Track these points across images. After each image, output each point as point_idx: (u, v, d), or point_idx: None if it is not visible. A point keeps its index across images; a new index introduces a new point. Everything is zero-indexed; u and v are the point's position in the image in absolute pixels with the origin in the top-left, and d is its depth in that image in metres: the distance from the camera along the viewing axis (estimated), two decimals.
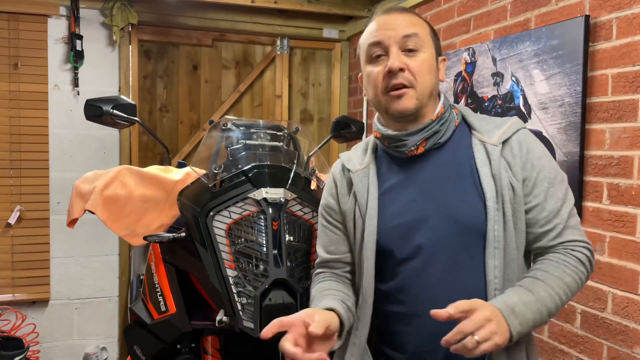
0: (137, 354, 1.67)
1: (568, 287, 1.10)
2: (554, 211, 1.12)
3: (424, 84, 1.14)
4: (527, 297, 1.05)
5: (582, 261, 1.12)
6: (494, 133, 1.16)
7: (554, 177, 1.14)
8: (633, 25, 1.71)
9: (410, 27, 1.14)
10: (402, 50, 1.14)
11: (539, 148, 1.17)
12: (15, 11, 3.10)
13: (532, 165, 1.13)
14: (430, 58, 1.17)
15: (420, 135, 1.16)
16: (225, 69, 3.70)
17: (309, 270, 1.46)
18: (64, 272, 3.33)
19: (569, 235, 1.13)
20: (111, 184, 1.60)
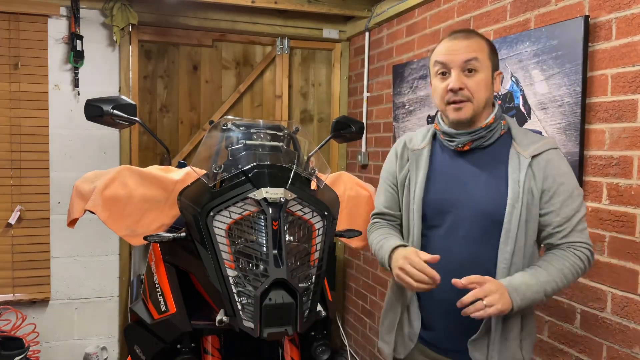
0: (138, 353, 1.67)
1: (564, 277, 1.39)
2: (566, 218, 1.41)
3: (480, 99, 1.44)
4: (529, 280, 1.37)
5: (581, 259, 1.41)
6: (529, 147, 1.44)
7: (571, 192, 1.41)
8: (632, 25, 1.71)
9: (471, 53, 1.43)
10: (462, 71, 1.43)
11: (563, 166, 1.43)
12: (16, 11, 3.10)
13: (554, 180, 1.41)
14: (487, 77, 1.45)
15: (468, 137, 1.47)
16: (226, 69, 3.71)
17: (309, 270, 1.46)
18: (64, 272, 3.33)
19: (574, 237, 1.41)
20: (111, 184, 1.61)
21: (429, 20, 2.88)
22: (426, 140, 1.58)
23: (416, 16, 3.00)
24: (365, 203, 1.91)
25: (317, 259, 1.48)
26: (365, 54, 3.56)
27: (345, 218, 1.87)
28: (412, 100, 2.96)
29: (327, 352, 1.70)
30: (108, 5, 3.20)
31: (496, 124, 1.46)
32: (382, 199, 1.68)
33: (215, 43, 3.66)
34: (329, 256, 1.52)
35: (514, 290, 1.34)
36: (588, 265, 1.43)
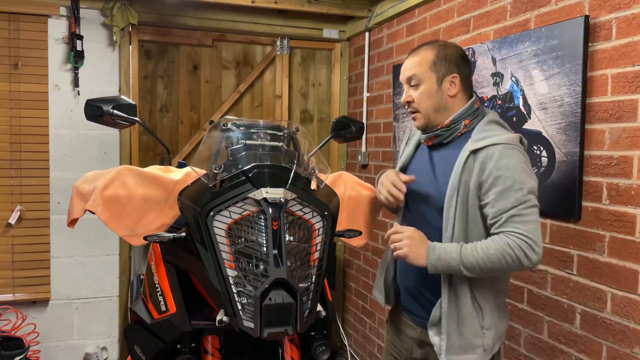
0: (138, 353, 1.67)
1: (487, 257, 1.48)
2: (502, 210, 1.49)
3: (426, 108, 1.65)
4: (451, 249, 1.52)
5: (511, 246, 1.47)
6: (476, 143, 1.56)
7: (510, 185, 1.49)
8: (632, 25, 1.71)
9: (411, 70, 1.65)
10: (410, 86, 1.67)
11: (505, 161, 1.51)
12: (16, 11, 3.10)
13: (490, 173, 1.51)
14: (429, 87, 1.63)
15: (427, 135, 1.70)
16: (226, 69, 3.71)
17: (309, 270, 1.46)
18: (65, 272, 3.33)
19: (508, 227, 1.48)
20: (111, 184, 1.61)
21: (429, 20, 2.88)
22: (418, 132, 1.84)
23: (416, 16, 3.00)
24: (365, 203, 1.91)
25: (317, 259, 1.48)
26: (365, 54, 3.56)
27: (345, 218, 1.87)
28: None
29: (327, 352, 1.70)
30: (108, 5, 3.20)
31: (455, 125, 1.64)
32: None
33: (215, 43, 3.66)
34: (329, 256, 1.52)
35: (432, 249, 1.53)
36: (523, 256, 1.46)
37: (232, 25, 3.57)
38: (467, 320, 1.58)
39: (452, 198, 1.56)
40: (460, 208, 1.56)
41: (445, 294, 1.60)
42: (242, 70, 3.74)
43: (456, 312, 1.58)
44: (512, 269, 1.51)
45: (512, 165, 1.50)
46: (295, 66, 3.84)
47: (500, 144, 1.53)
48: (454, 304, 1.59)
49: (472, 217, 1.56)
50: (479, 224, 1.57)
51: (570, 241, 1.95)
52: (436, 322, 1.63)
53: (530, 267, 1.50)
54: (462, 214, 1.56)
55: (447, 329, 1.59)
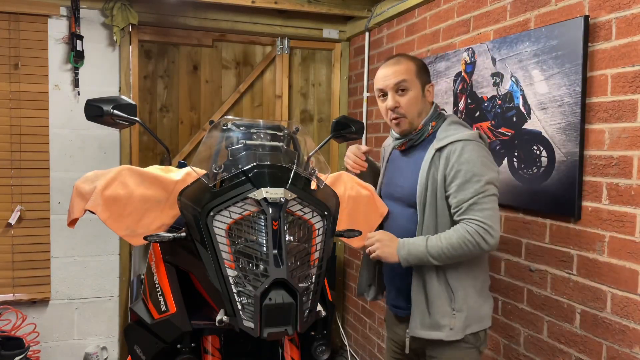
0: (138, 353, 1.67)
1: (451, 245, 1.66)
2: (462, 200, 1.67)
3: (412, 113, 1.81)
4: (419, 242, 1.71)
5: (470, 232, 1.65)
6: (440, 142, 1.74)
7: (469, 177, 1.66)
8: (632, 25, 1.71)
9: (399, 76, 1.79)
10: (396, 92, 1.80)
11: (466, 156, 1.68)
12: (16, 11, 3.11)
13: (452, 167, 1.69)
14: (417, 93, 1.81)
15: (400, 141, 1.89)
16: (226, 69, 3.71)
17: (309, 270, 1.46)
18: (65, 272, 3.33)
19: (467, 214, 1.67)
20: (112, 184, 1.60)
21: (429, 20, 2.88)
22: (391, 140, 2.00)
23: (416, 16, 3.00)
24: (365, 203, 1.91)
25: (317, 259, 1.48)
26: (365, 54, 3.56)
27: (345, 218, 1.87)
28: None
29: (327, 352, 1.70)
30: (108, 5, 3.20)
31: (424, 127, 1.82)
32: None
33: (215, 43, 3.66)
34: (329, 256, 1.52)
35: (402, 245, 1.72)
36: (481, 240, 1.64)
37: (232, 25, 3.57)
38: (435, 302, 1.74)
39: (422, 193, 1.75)
40: (430, 201, 1.73)
41: (414, 280, 1.78)
42: (242, 70, 3.74)
43: (424, 294, 1.76)
44: (474, 254, 1.68)
45: (472, 159, 1.68)
46: (295, 66, 3.85)
47: (461, 140, 1.70)
48: (422, 287, 1.77)
49: (441, 208, 1.73)
50: (446, 214, 1.74)
51: (570, 241, 1.95)
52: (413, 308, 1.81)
53: (489, 249, 1.68)
54: (432, 206, 1.74)
55: (416, 308, 1.77)
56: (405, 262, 1.72)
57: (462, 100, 2.50)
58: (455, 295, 1.74)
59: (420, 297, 1.78)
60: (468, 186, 1.67)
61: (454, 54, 2.57)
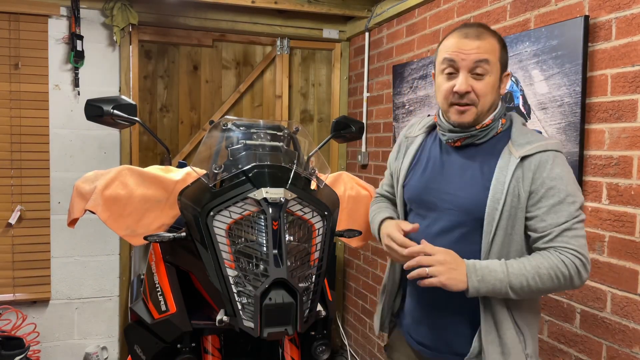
0: (138, 353, 1.67)
1: (539, 276, 1.30)
2: (553, 224, 1.32)
3: (485, 103, 1.39)
4: (496, 268, 1.31)
5: (565, 263, 1.30)
6: (523, 148, 1.37)
7: (563, 198, 1.32)
8: (632, 25, 1.71)
9: (482, 54, 1.35)
10: (470, 73, 1.37)
11: (558, 170, 1.34)
12: (16, 11, 3.10)
13: (542, 183, 1.33)
14: (495, 80, 1.39)
15: (459, 135, 1.44)
16: (226, 69, 3.71)
17: (309, 270, 1.46)
18: (65, 272, 3.33)
19: (561, 242, 1.32)
20: (112, 183, 1.61)
21: (429, 20, 2.88)
22: (423, 129, 1.61)
23: (416, 16, 3.00)
24: (365, 203, 1.91)
25: (317, 259, 1.48)
26: (365, 54, 3.56)
27: (345, 218, 1.87)
28: (412, 100, 2.96)
29: (327, 352, 1.71)
30: (108, 5, 3.20)
31: (493, 123, 1.42)
32: (385, 181, 1.77)
33: (215, 43, 3.66)
34: (329, 256, 1.52)
35: (474, 270, 1.31)
36: (575, 275, 1.31)
37: (232, 25, 3.57)
38: (511, 349, 1.37)
39: (496, 209, 1.34)
40: (506, 221, 1.35)
41: (485, 321, 1.38)
42: (242, 70, 3.74)
43: (498, 340, 1.38)
44: (560, 289, 1.35)
45: (565, 176, 1.34)
46: (295, 66, 3.85)
47: (551, 150, 1.36)
48: (495, 332, 1.38)
49: (518, 233, 1.36)
50: (521, 238, 1.37)
51: None
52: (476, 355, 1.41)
53: (579, 286, 1.34)
54: (507, 227, 1.35)
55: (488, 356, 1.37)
56: (475, 291, 1.31)
57: None
58: (525, 337, 1.40)
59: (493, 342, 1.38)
60: (562, 208, 1.32)
61: None
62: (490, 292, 1.32)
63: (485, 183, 1.38)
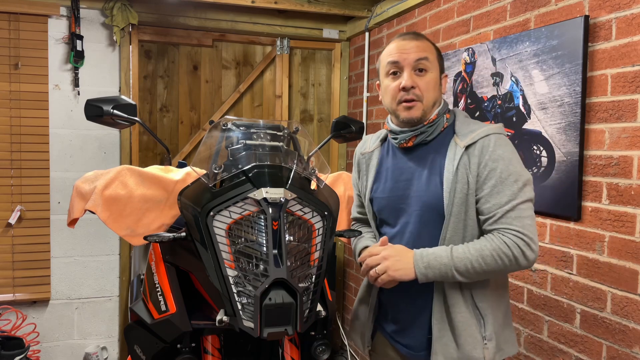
0: (138, 353, 1.67)
1: (482, 258, 1.36)
2: (497, 205, 1.38)
3: (429, 99, 1.48)
4: (441, 253, 1.39)
5: (508, 245, 1.36)
6: (466, 137, 1.44)
7: (505, 178, 1.38)
8: (632, 25, 1.71)
9: (422, 52, 1.46)
10: (413, 71, 1.46)
11: (500, 152, 1.39)
12: (16, 11, 3.10)
13: (485, 165, 1.39)
14: (436, 77, 1.49)
15: (411, 134, 1.51)
16: (226, 69, 3.71)
17: (309, 270, 1.46)
18: (65, 272, 3.33)
19: (503, 223, 1.37)
20: (112, 183, 1.61)
21: (428, 20, 2.88)
22: (376, 143, 1.66)
23: (416, 16, 3.00)
24: None
25: (317, 259, 1.48)
26: (365, 54, 3.56)
27: (345, 218, 1.87)
28: None
29: (327, 352, 1.70)
30: (108, 5, 3.20)
31: (438, 119, 1.50)
32: (355, 204, 1.79)
33: (215, 43, 3.66)
34: (329, 256, 1.52)
35: (420, 258, 1.39)
36: (520, 255, 1.35)
37: (232, 25, 3.57)
38: (464, 330, 1.42)
39: (450, 200, 1.42)
40: (457, 210, 1.42)
41: (435, 303, 1.46)
42: (242, 70, 3.74)
43: (447, 321, 1.44)
44: (508, 270, 1.39)
45: (507, 156, 1.39)
46: (295, 66, 3.85)
47: (492, 133, 1.42)
48: (444, 313, 1.45)
49: (471, 219, 1.43)
50: (475, 223, 1.44)
51: (570, 241, 1.95)
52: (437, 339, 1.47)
53: (526, 266, 1.38)
54: (459, 216, 1.43)
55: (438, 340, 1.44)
56: (424, 277, 1.39)
57: (462, 100, 2.50)
58: (485, 320, 1.44)
59: (443, 326, 1.45)
60: (503, 188, 1.37)
61: (454, 54, 2.57)
62: (438, 277, 1.39)
63: (439, 177, 1.46)
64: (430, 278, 1.40)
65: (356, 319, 1.74)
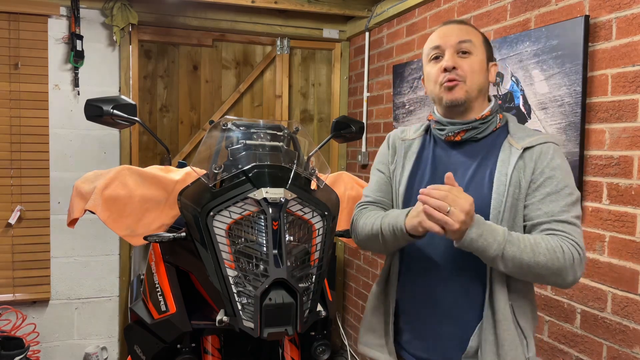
0: (138, 353, 1.67)
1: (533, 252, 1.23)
2: (550, 213, 1.28)
3: (473, 80, 1.36)
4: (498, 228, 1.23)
5: (562, 248, 1.24)
6: (524, 140, 1.35)
7: (561, 188, 1.29)
8: (633, 25, 1.71)
9: (464, 35, 1.38)
10: (456, 53, 1.37)
11: (558, 161, 1.32)
12: (16, 11, 3.10)
13: (542, 172, 1.31)
14: (481, 60, 1.39)
15: (459, 127, 1.39)
16: (226, 69, 3.71)
17: (309, 270, 1.46)
18: (64, 272, 3.33)
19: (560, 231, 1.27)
20: (111, 183, 1.61)
21: (429, 20, 2.88)
22: (419, 132, 1.52)
23: (416, 16, 3.00)
24: None
25: (317, 259, 1.48)
26: (365, 54, 3.56)
27: (345, 218, 1.87)
28: (412, 100, 2.96)
29: (327, 352, 1.70)
30: (108, 5, 3.20)
31: (492, 117, 1.39)
32: (374, 187, 1.55)
33: (215, 43, 3.66)
34: (329, 256, 1.52)
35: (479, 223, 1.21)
36: (570, 267, 1.24)
37: (232, 25, 3.56)
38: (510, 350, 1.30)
39: (501, 201, 1.31)
40: (509, 213, 1.30)
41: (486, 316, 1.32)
42: (242, 70, 3.74)
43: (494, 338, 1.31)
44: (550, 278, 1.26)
45: (565, 167, 1.32)
46: (295, 66, 3.84)
47: (552, 142, 1.34)
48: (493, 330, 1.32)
49: (519, 223, 1.32)
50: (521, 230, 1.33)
51: None
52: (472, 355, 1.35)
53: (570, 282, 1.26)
54: (509, 219, 1.30)
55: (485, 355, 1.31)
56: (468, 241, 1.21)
57: None
58: (527, 341, 1.35)
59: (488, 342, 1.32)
60: (557, 198, 1.28)
61: None
62: (478, 253, 1.23)
63: (489, 177, 1.34)
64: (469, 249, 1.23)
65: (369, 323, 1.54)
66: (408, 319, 1.47)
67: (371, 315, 1.54)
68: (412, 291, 1.44)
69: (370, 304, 1.55)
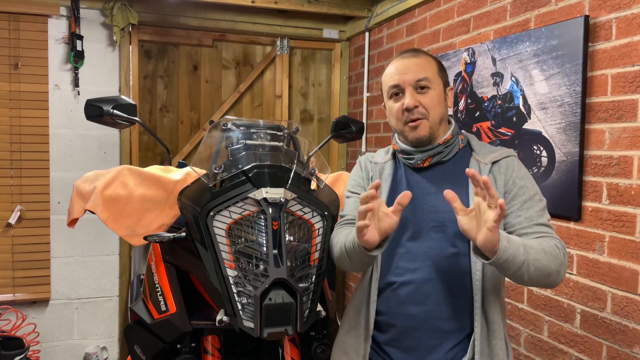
0: (138, 353, 1.67)
1: (545, 252, 1.25)
2: (529, 218, 1.34)
3: (435, 115, 1.42)
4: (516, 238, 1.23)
5: (558, 247, 1.29)
6: (488, 156, 1.43)
7: (532, 195, 1.37)
8: (632, 25, 1.71)
9: (421, 72, 1.42)
10: (415, 89, 1.42)
11: (523, 172, 1.41)
12: (16, 11, 3.10)
13: (514, 182, 1.38)
14: (440, 93, 1.44)
15: (427, 154, 1.43)
16: (226, 69, 3.71)
17: (309, 270, 1.46)
18: (65, 272, 3.33)
19: (544, 232, 1.32)
20: (112, 183, 1.61)
21: (429, 20, 2.88)
22: (387, 156, 1.54)
23: (416, 16, 3.00)
24: None
25: (317, 259, 1.48)
26: (365, 54, 3.56)
27: None
28: None
29: (327, 352, 1.70)
30: (108, 5, 3.20)
31: (454, 139, 1.45)
32: (351, 207, 1.52)
33: (215, 43, 3.66)
34: (329, 256, 1.52)
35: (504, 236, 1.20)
36: (565, 257, 1.30)
37: (232, 25, 3.56)
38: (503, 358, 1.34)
39: None
40: None
41: (478, 327, 1.33)
42: (242, 70, 3.74)
43: (489, 349, 1.34)
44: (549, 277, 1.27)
45: (529, 177, 1.41)
46: (295, 66, 3.84)
47: (512, 155, 1.43)
48: (487, 342, 1.34)
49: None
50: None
51: (570, 241, 1.95)
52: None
53: (557, 283, 1.30)
54: None
55: None
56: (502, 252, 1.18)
57: (462, 100, 2.50)
58: (508, 352, 1.39)
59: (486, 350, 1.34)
60: (532, 205, 1.35)
61: (454, 54, 2.57)
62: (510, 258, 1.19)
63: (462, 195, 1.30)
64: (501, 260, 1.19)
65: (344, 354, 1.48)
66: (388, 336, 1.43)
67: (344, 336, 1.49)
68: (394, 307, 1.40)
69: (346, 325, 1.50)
